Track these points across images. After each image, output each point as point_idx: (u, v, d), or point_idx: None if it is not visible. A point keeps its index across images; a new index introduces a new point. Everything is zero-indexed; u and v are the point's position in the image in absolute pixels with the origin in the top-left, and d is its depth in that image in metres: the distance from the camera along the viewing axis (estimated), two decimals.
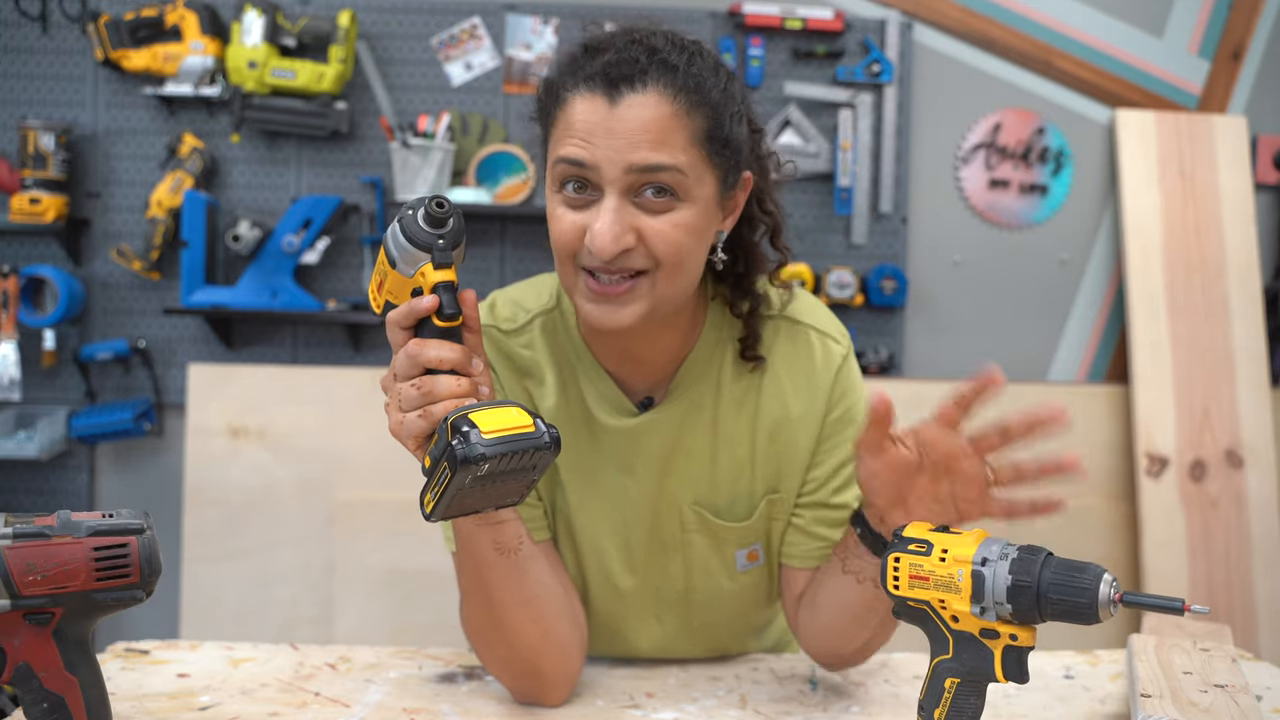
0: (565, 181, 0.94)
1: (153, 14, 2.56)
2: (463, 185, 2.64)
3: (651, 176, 0.91)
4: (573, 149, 0.92)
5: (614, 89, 0.91)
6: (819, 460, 1.10)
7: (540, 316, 1.10)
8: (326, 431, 2.61)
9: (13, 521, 0.79)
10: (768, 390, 1.09)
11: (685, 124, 0.92)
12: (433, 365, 0.85)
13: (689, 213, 0.94)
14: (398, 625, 2.53)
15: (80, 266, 2.69)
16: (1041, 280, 2.88)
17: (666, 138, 0.91)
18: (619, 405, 1.08)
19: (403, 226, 0.86)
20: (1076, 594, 0.75)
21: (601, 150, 0.91)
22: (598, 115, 0.91)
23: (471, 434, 0.79)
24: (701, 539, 1.12)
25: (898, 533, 0.84)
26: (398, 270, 0.87)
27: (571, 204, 0.94)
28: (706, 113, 0.93)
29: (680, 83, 0.92)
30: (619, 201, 0.92)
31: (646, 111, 0.91)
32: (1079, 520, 2.74)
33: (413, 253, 0.86)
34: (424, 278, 0.86)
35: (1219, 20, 2.86)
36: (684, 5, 2.75)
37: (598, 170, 0.91)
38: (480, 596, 1.01)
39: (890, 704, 1.09)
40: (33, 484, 2.73)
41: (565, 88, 0.94)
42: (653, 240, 0.93)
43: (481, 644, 1.05)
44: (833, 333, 1.11)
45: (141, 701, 1.03)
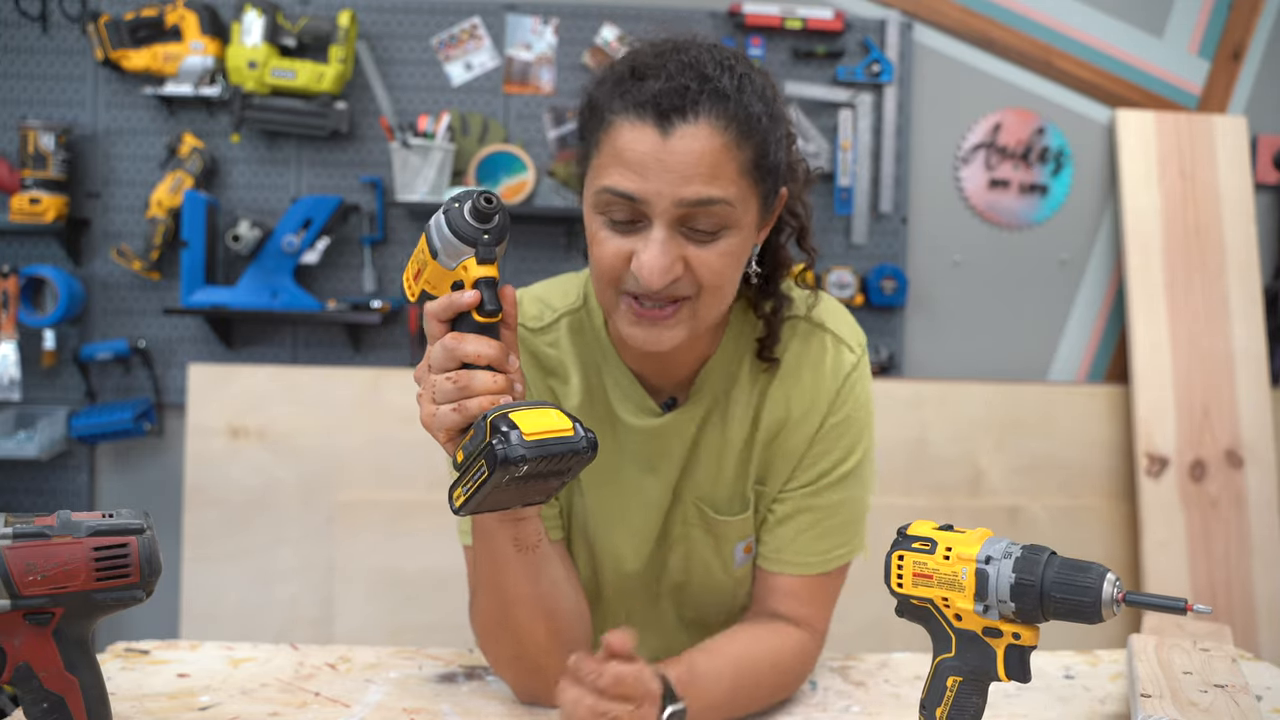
0: (610, 209, 0.93)
1: (153, 14, 2.56)
2: (463, 185, 2.64)
3: (703, 210, 0.91)
4: (621, 179, 0.91)
5: (665, 120, 0.89)
6: (807, 462, 1.10)
7: (567, 316, 1.10)
8: (326, 431, 2.60)
9: (13, 521, 0.79)
10: (775, 390, 1.09)
11: (735, 155, 0.91)
12: (470, 360, 0.85)
13: (734, 240, 0.94)
14: (398, 625, 2.53)
15: (80, 266, 2.69)
16: (1041, 280, 2.88)
17: (718, 170, 0.90)
18: (643, 405, 1.08)
19: (448, 219, 0.86)
20: (1080, 593, 0.75)
21: (653, 184, 0.89)
22: (648, 145, 0.90)
23: (512, 435, 0.80)
24: (700, 534, 1.12)
25: (902, 531, 0.84)
26: (439, 262, 0.87)
27: (616, 229, 0.94)
28: (755, 142, 0.93)
29: (732, 112, 0.90)
30: (668, 233, 0.91)
31: (698, 144, 0.89)
32: (1079, 520, 2.74)
33: (457, 246, 0.86)
34: (466, 271, 0.86)
35: (1219, 20, 2.86)
36: (684, 5, 2.75)
37: (648, 204, 0.90)
38: (494, 593, 1.00)
39: (890, 704, 1.09)
40: (33, 484, 2.73)
41: (612, 110, 0.93)
42: (700, 270, 0.93)
43: (490, 641, 1.05)
44: (849, 340, 1.11)
45: (141, 701, 1.03)
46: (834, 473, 1.10)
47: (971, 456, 2.74)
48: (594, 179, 0.95)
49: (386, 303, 2.65)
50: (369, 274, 2.70)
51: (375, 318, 2.60)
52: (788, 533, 1.10)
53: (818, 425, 1.09)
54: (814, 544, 1.10)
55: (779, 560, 1.11)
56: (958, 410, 2.74)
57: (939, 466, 2.71)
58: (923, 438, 2.68)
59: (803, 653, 1.09)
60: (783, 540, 1.10)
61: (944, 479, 2.72)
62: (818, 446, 1.09)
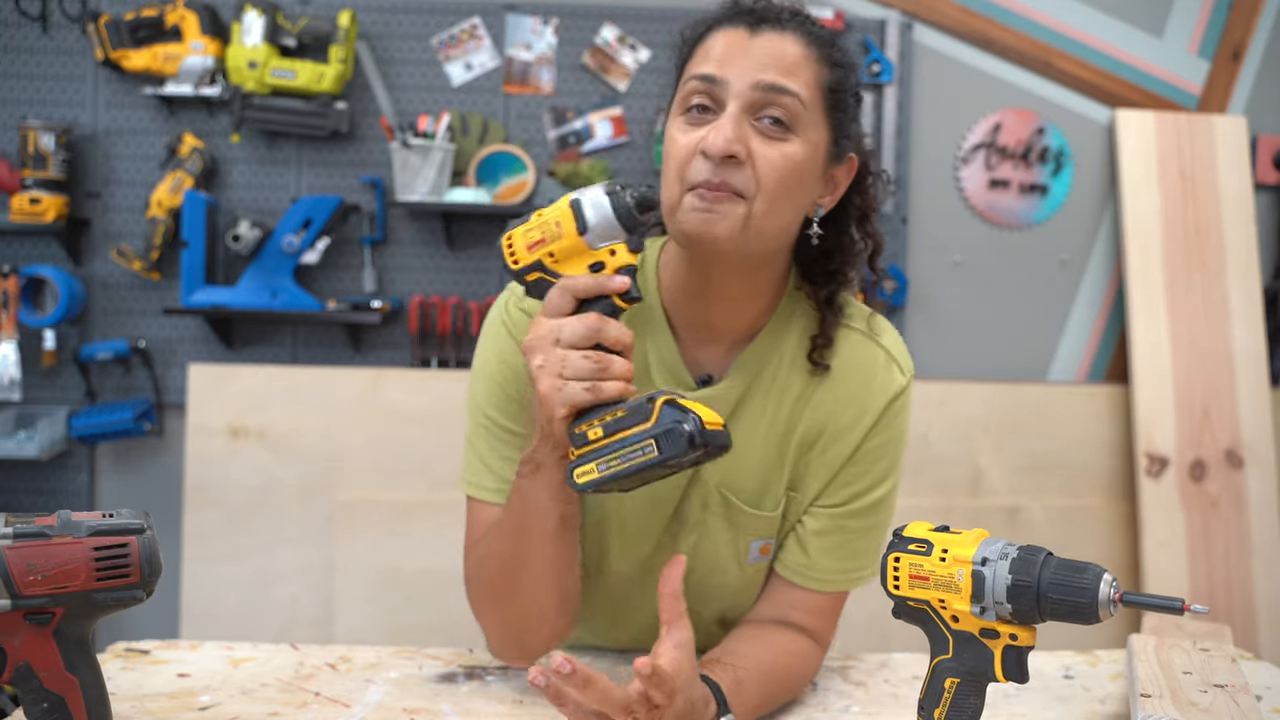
0: (691, 98, 0.97)
1: (153, 14, 2.56)
2: (463, 185, 2.64)
3: (775, 97, 0.95)
4: (707, 66, 0.97)
5: (756, 24, 0.97)
6: (843, 479, 1.10)
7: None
8: (326, 431, 2.61)
9: (13, 521, 0.79)
10: (820, 395, 1.08)
11: (814, 68, 0.97)
12: (610, 344, 0.88)
13: (799, 147, 0.97)
14: (398, 625, 2.53)
15: (80, 266, 2.69)
16: (1041, 280, 2.88)
17: (795, 70, 0.96)
18: (679, 377, 1.07)
19: (613, 201, 0.88)
20: (1076, 594, 0.75)
21: (734, 68, 0.95)
22: (736, 40, 0.97)
23: (690, 419, 0.84)
24: (719, 522, 1.11)
25: (898, 532, 0.84)
26: (585, 239, 0.89)
27: (691, 122, 0.97)
28: (833, 70, 0.99)
29: (816, 37, 0.98)
30: (739, 113, 0.95)
31: (782, 45, 0.96)
32: (1079, 520, 2.74)
33: (614, 229, 0.89)
34: (612, 256, 0.90)
35: (1219, 20, 2.86)
36: (684, 5, 2.75)
37: (725, 85, 0.95)
38: (515, 559, 1.02)
39: (890, 704, 1.09)
40: (33, 484, 2.73)
41: (708, 26, 1.00)
42: (760, 163, 0.95)
43: (489, 597, 1.07)
44: (901, 361, 1.11)
45: (141, 701, 1.03)
46: (868, 496, 1.10)
47: (971, 456, 2.74)
48: (682, 85, 1.00)
49: (386, 303, 2.66)
50: (369, 274, 2.70)
51: (375, 318, 2.60)
52: (816, 550, 1.10)
53: (860, 440, 1.08)
54: (840, 563, 1.11)
55: (805, 575, 1.11)
56: (958, 410, 2.74)
57: (939, 466, 2.71)
58: (923, 437, 2.68)
59: (813, 663, 1.12)
60: (811, 556, 1.11)
61: (944, 479, 2.72)
62: (856, 466, 1.09)
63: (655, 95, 2.74)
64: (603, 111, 2.74)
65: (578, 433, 0.88)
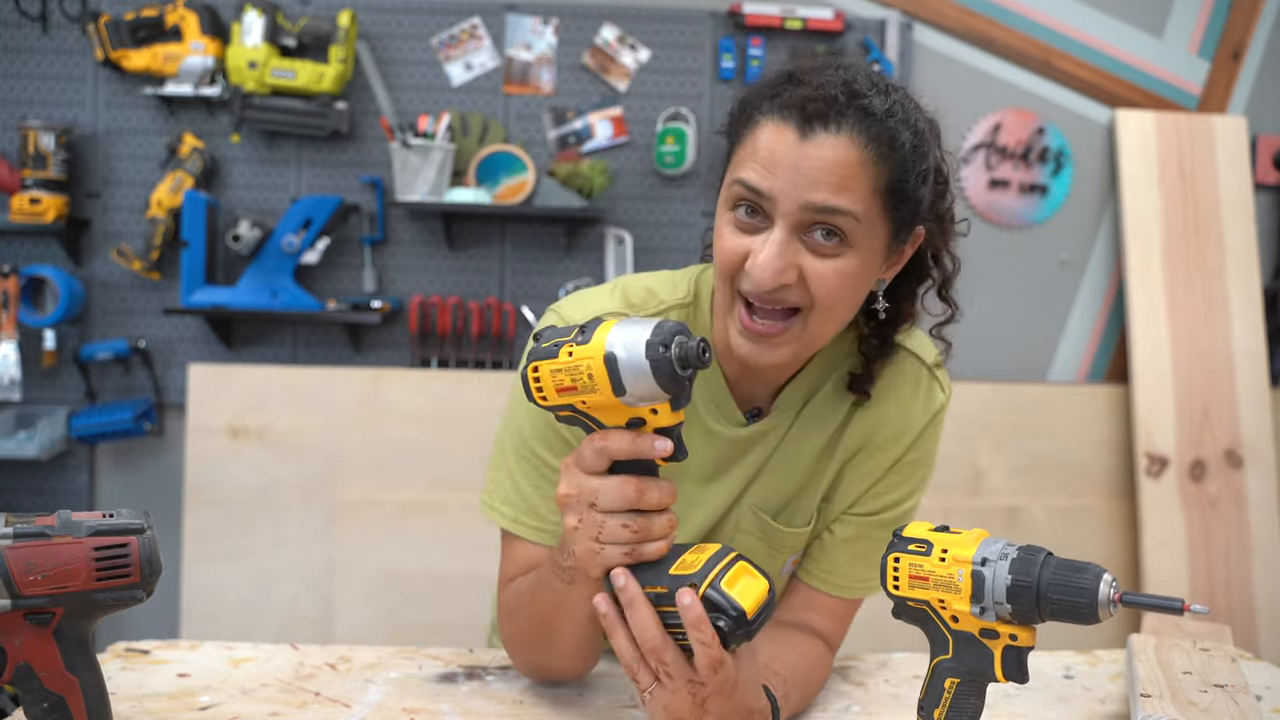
0: (738, 204, 0.93)
1: (153, 14, 2.56)
2: (463, 185, 2.64)
3: (826, 218, 0.90)
4: (753, 174, 0.91)
5: (807, 124, 0.89)
6: (878, 490, 1.10)
7: (676, 309, 1.07)
8: (326, 431, 2.61)
9: (13, 521, 0.79)
10: (864, 410, 1.09)
11: (870, 173, 0.90)
12: (651, 509, 0.83)
13: (853, 261, 0.92)
14: (398, 625, 2.53)
15: (80, 266, 2.69)
16: (1041, 280, 2.88)
17: (849, 183, 0.89)
18: (730, 415, 1.07)
19: (655, 368, 0.78)
20: (1076, 594, 0.75)
21: (781, 183, 0.89)
22: (785, 146, 0.90)
23: (731, 617, 0.79)
24: (755, 541, 1.11)
25: (898, 533, 0.84)
26: (622, 400, 0.80)
27: (740, 226, 0.93)
28: (894, 166, 0.91)
29: (874, 131, 0.90)
30: (787, 236, 0.90)
31: (835, 153, 0.89)
32: (1079, 520, 2.74)
33: (656, 394, 0.79)
34: (654, 415, 0.81)
35: (1219, 20, 2.86)
36: (684, 5, 2.75)
37: (773, 201, 0.90)
38: (545, 628, 1.00)
39: (890, 704, 1.09)
40: (33, 484, 2.73)
41: (759, 110, 0.93)
42: (814, 282, 0.92)
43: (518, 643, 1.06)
44: (942, 380, 1.11)
45: (141, 701, 1.03)
46: (899, 507, 1.11)
47: (971, 456, 2.74)
48: (731, 173, 0.94)
49: (386, 303, 2.65)
50: (369, 274, 2.70)
51: (375, 318, 2.60)
52: (843, 556, 1.11)
53: (899, 455, 1.09)
54: (863, 570, 1.12)
55: (828, 580, 1.12)
56: (958, 410, 2.71)
57: (939, 466, 2.69)
58: None
59: (828, 667, 1.12)
60: (836, 562, 1.11)
61: (944, 479, 2.72)
62: (892, 478, 1.10)
63: (655, 95, 2.74)
64: (603, 111, 2.74)
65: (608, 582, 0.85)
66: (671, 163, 2.70)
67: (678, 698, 0.83)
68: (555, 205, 2.61)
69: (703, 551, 0.84)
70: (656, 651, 0.82)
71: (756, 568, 0.84)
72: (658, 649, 0.82)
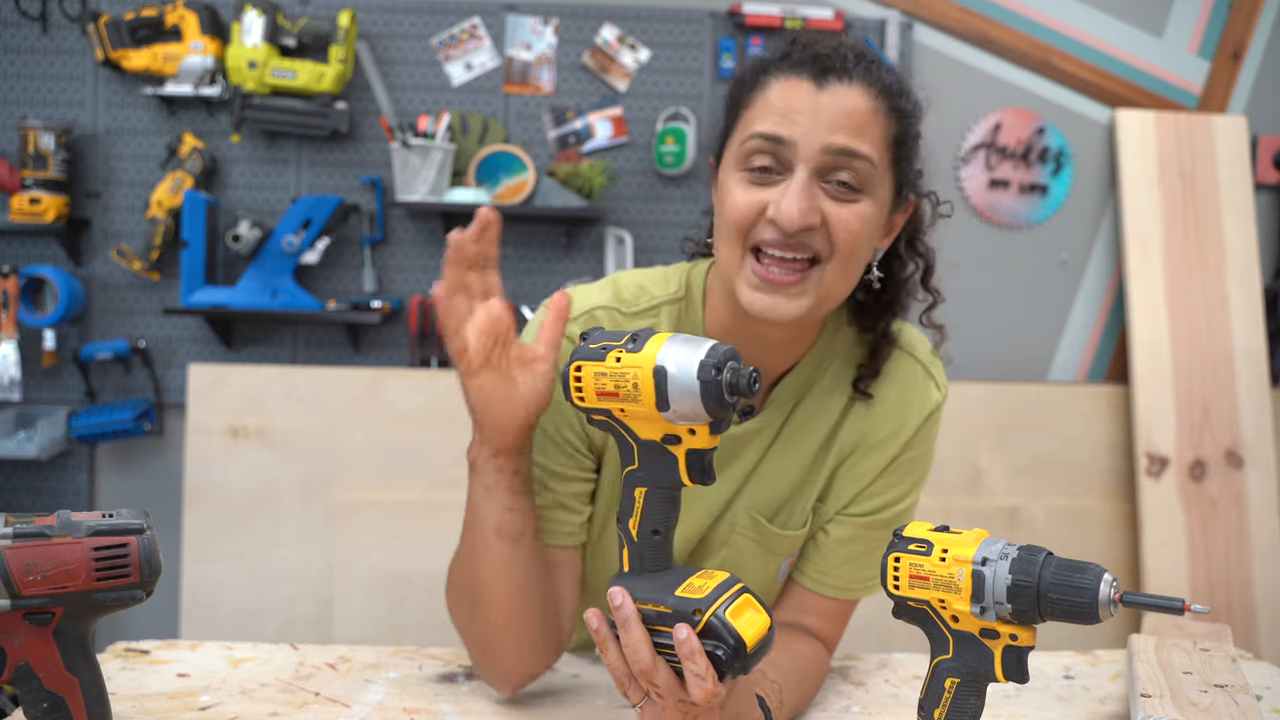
0: (754, 158, 0.93)
1: (153, 14, 2.56)
2: (463, 185, 2.64)
3: (846, 161, 0.91)
4: (772, 124, 0.92)
5: (822, 75, 0.92)
6: (872, 490, 1.10)
7: (668, 305, 1.07)
8: (326, 431, 2.60)
9: (13, 521, 0.79)
10: (859, 409, 1.09)
11: (882, 122, 0.93)
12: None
13: (870, 207, 0.94)
14: (398, 625, 2.53)
15: (80, 266, 2.69)
16: (1041, 280, 2.88)
17: (865, 129, 0.92)
18: None
19: (705, 390, 0.78)
20: (1076, 594, 0.75)
21: (802, 128, 0.91)
22: (802, 94, 0.92)
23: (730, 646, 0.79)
24: (749, 543, 1.11)
25: (898, 532, 0.84)
26: (664, 415, 0.80)
27: (753, 182, 0.94)
28: (900, 119, 0.95)
29: (883, 84, 0.94)
30: (809, 179, 0.91)
31: (850, 100, 0.92)
32: (1079, 520, 2.74)
33: (700, 415, 0.79)
34: (691, 435, 0.81)
35: (1219, 20, 2.86)
36: (684, 5, 2.75)
37: (794, 147, 0.91)
38: (469, 568, 1.00)
39: (890, 704, 1.09)
40: (33, 484, 2.73)
41: (767, 73, 0.95)
42: (836, 226, 0.92)
43: (459, 611, 1.05)
44: (937, 378, 1.12)
45: (141, 701, 1.03)
46: (893, 508, 1.11)
47: (971, 456, 2.74)
48: (741, 134, 0.95)
49: (386, 303, 2.65)
50: (369, 274, 2.70)
51: (375, 318, 2.60)
52: (837, 558, 1.11)
53: (893, 455, 1.09)
54: (859, 571, 1.11)
55: (823, 582, 1.11)
56: (958, 410, 2.73)
57: (939, 466, 2.66)
58: None
59: (826, 669, 1.12)
60: (831, 564, 1.11)
61: (944, 479, 2.72)
62: (886, 478, 1.10)
63: (655, 95, 2.74)
64: (603, 111, 2.74)
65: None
66: (671, 163, 2.70)
67: (669, 715, 0.83)
68: (555, 205, 2.62)
69: (710, 578, 0.84)
70: (646, 673, 0.82)
71: (761, 604, 0.84)
72: (648, 671, 0.82)
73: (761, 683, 0.97)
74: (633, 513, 0.84)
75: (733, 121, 0.98)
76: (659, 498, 0.83)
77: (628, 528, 0.85)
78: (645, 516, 0.84)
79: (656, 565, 0.85)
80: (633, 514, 0.84)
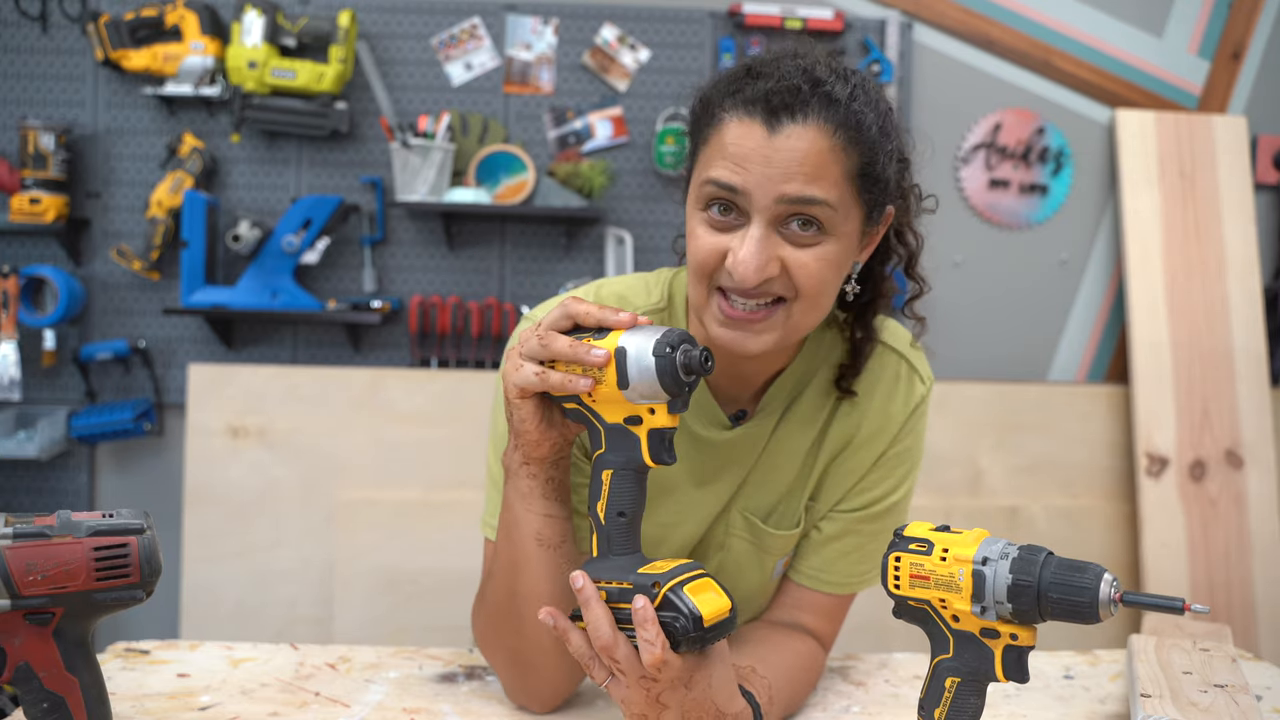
0: (711, 203, 0.93)
1: (153, 14, 2.56)
2: (463, 185, 2.64)
3: (802, 209, 0.90)
4: (725, 172, 0.90)
5: (774, 117, 0.89)
6: (863, 486, 1.10)
7: (650, 315, 1.07)
8: (326, 431, 2.61)
9: (13, 521, 0.79)
10: (845, 408, 1.09)
11: (840, 159, 0.90)
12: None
13: (833, 247, 0.93)
14: (398, 625, 2.53)
15: (80, 266, 2.69)
16: (1041, 280, 2.88)
17: (821, 171, 0.89)
18: (714, 418, 1.07)
19: (659, 365, 0.83)
20: (1077, 593, 0.75)
21: (754, 177, 0.89)
22: (754, 141, 0.89)
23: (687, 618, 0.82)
24: (744, 545, 1.12)
25: (898, 532, 0.84)
26: (624, 394, 0.85)
27: (714, 225, 0.93)
28: (862, 150, 0.92)
29: (840, 118, 0.90)
30: (765, 230, 0.90)
31: (804, 143, 0.89)
32: (1079, 520, 2.74)
33: (658, 392, 0.84)
34: (651, 415, 0.86)
35: (1219, 20, 2.86)
36: (684, 5, 2.75)
37: (748, 197, 0.90)
38: (507, 582, 0.99)
39: (890, 704, 1.09)
40: (33, 484, 2.73)
41: (722, 108, 0.92)
42: (796, 272, 0.92)
43: (492, 632, 1.03)
44: (921, 371, 1.11)
45: (141, 701, 1.03)
46: (884, 501, 1.11)
47: (971, 456, 2.74)
48: (699, 173, 0.94)
49: (386, 303, 2.65)
50: (369, 274, 2.70)
51: (375, 318, 2.60)
52: (831, 553, 1.11)
53: (881, 451, 1.09)
54: (853, 566, 1.11)
55: (817, 579, 1.12)
56: (958, 410, 2.74)
57: (939, 466, 2.71)
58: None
59: (822, 667, 1.13)
60: (825, 560, 1.11)
61: (944, 479, 2.72)
62: (875, 473, 1.10)
63: (655, 95, 2.74)
64: (603, 111, 2.74)
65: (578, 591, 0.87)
66: (671, 163, 2.70)
67: (633, 692, 0.85)
68: (555, 205, 2.62)
69: (673, 561, 0.88)
70: (607, 649, 0.84)
71: (724, 590, 0.87)
72: (608, 646, 0.84)
73: (751, 679, 0.97)
74: (600, 496, 0.88)
75: (695, 150, 0.97)
76: (625, 479, 0.87)
77: (596, 511, 0.88)
78: (611, 499, 0.88)
79: (624, 549, 0.88)
80: (600, 497, 0.88)
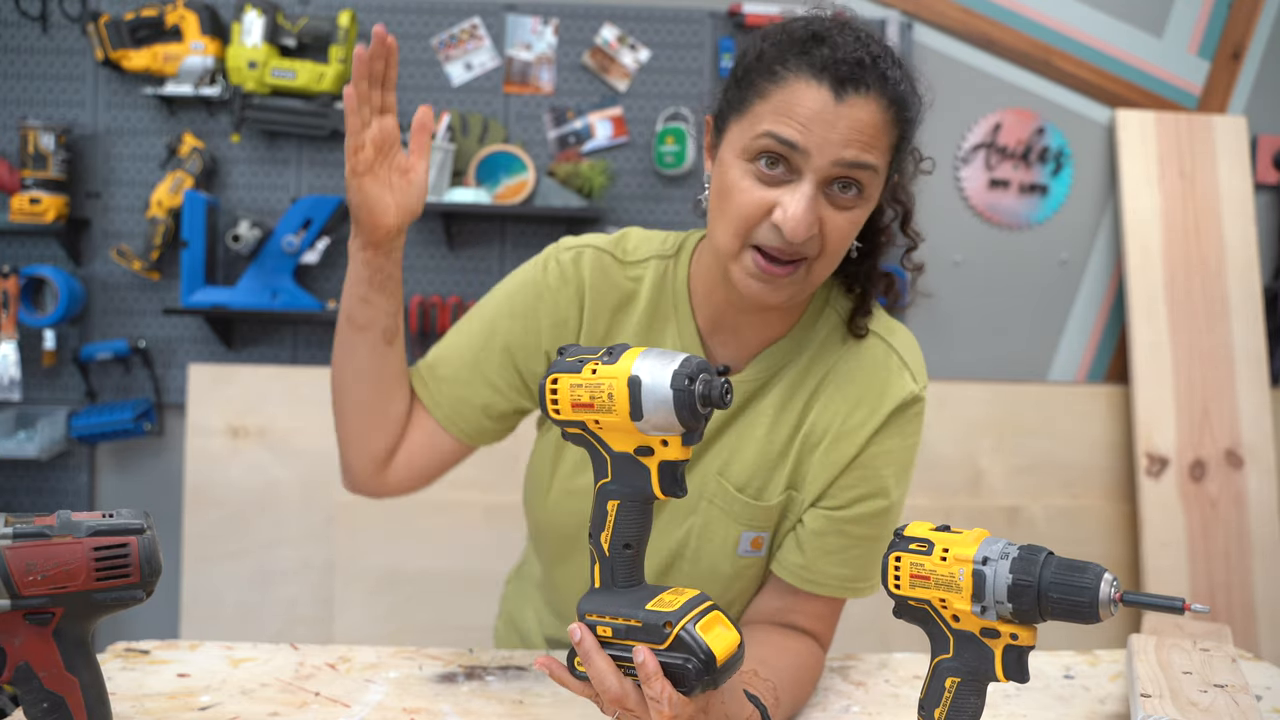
0: (762, 154, 0.96)
1: (153, 14, 2.56)
2: (463, 185, 2.64)
3: (855, 172, 0.95)
4: (787, 129, 0.94)
5: (841, 86, 0.94)
6: (845, 482, 1.09)
7: (656, 259, 1.13)
8: (326, 431, 2.56)
9: (13, 521, 0.79)
10: (831, 394, 1.09)
11: (889, 132, 0.97)
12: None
13: (862, 211, 0.99)
14: (398, 625, 2.53)
15: (80, 266, 2.69)
16: (1041, 280, 2.88)
17: (875, 141, 0.95)
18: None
19: (678, 400, 0.79)
20: (1077, 593, 0.75)
21: (816, 139, 0.94)
22: (820, 104, 0.94)
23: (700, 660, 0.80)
24: (713, 509, 1.12)
25: (899, 532, 0.84)
26: (637, 425, 0.81)
27: (761, 178, 0.96)
28: (903, 127, 0.99)
29: (892, 94, 0.96)
30: (814, 190, 0.95)
31: (865, 114, 0.94)
32: (1079, 520, 2.74)
33: (673, 425, 0.80)
34: (664, 447, 0.82)
35: (1219, 20, 2.86)
36: (684, 5, 2.75)
37: (806, 155, 0.94)
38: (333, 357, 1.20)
39: (890, 704, 1.09)
40: (33, 484, 2.73)
41: (787, 66, 0.96)
42: (830, 233, 0.97)
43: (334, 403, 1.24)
44: (914, 369, 1.11)
45: (141, 701, 1.03)
46: (871, 502, 1.09)
47: (971, 457, 2.74)
48: (752, 124, 0.97)
49: None
50: None
51: None
52: (815, 551, 1.10)
53: (865, 442, 1.08)
54: (839, 568, 1.11)
55: (802, 577, 1.11)
56: (958, 410, 2.74)
57: (939, 467, 2.71)
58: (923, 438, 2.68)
59: (820, 665, 1.13)
60: (809, 558, 1.11)
61: (944, 479, 2.72)
62: (860, 470, 1.09)
63: (655, 95, 2.74)
64: (603, 111, 2.74)
65: (589, 620, 0.85)
66: (671, 163, 2.70)
67: None
68: (555, 205, 2.62)
69: (680, 594, 0.85)
70: (618, 701, 0.84)
71: (731, 621, 0.85)
72: (618, 698, 0.83)
73: (754, 682, 0.97)
74: (604, 527, 0.85)
75: (743, 100, 0.99)
76: (631, 511, 0.84)
77: (599, 542, 0.85)
78: (617, 530, 0.84)
79: (628, 580, 0.85)
80: (604, 528, 0.85)
